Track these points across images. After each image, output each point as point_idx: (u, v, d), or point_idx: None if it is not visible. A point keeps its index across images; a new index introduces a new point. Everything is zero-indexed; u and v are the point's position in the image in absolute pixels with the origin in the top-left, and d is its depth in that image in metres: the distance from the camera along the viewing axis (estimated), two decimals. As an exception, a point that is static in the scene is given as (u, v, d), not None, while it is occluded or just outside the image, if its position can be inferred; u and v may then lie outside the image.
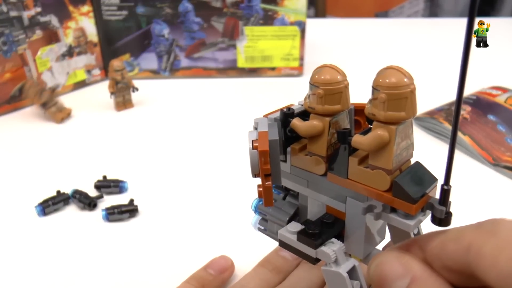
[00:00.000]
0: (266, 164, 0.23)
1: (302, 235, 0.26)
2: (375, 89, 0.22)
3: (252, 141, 0.24)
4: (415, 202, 0.22)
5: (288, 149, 0.27)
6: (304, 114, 0.27)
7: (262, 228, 0.33)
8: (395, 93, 0.21)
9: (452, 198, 0.23)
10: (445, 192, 0.22)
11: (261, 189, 0.24)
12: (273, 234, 0.31)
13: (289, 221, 0.30)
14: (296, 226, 0.27)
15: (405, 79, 0.22)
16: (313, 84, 0.24)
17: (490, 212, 0.47)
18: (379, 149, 0.23)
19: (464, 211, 0.47)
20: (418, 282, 0.21)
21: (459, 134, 0.58)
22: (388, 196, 0.23)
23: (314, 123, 0.25)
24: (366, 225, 0.26)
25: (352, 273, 0.25)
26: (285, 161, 0.28)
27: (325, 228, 0.26)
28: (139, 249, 0.43)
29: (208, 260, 0.39)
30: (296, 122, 0.26)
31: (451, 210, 0.23)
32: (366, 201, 0.24)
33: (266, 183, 0.24)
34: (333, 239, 0.26)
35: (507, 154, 0.56)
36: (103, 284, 0.39)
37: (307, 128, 0.25)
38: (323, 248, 0.25)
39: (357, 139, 0.23)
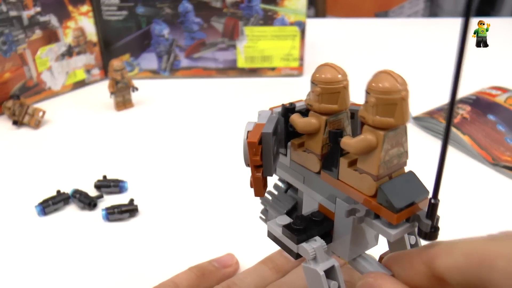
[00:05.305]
0: (255, 155, 0.24)
1: (286, 229, 0.26)
2: (367, 92, 0.22)
3: (248, 131, 0.25)
4: (397, 211, 0.22)
5: (289, 143, 0.28)
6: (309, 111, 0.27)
7: (264, 218, 0.33)
8: (384, 98, 0.21)
9: (451, 198, 0.22)
10: (433, 206, 0.22)
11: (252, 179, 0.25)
12: None
13: (287, 215, 0.30)
14: (284, 220, 0.27)
15: (398, 85, 0.21)
16: (312, 82, 0.25)
17: (489, 212, 0.47)
18: (366, 153, 0.23)
19: (464, 211, 0.47)
20: None
21: (459, 134, 0.58)
22: (373, 201, 0.23)
23: (310, 121, 0.25)
24: (356, 229, 0.26)
25: (330, 272, 0.25)
26: (285, 155, 0.28)
27: (312, 225, 0.26)
28: (139, 249, 0.43)
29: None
30: (295, 118, 0.26)
31: (439, 225, 0.22)
32: (353, 204, 0.24)
33: (256, 174, 0.24)
34: (317, 237, 0.26)
35: (507, 153, 0.56)
36: (103, 284, 0.39)
37: (303, 124, 0.26)
38: (304, 244, 0.25)
39: (345, 141, 0.23)
